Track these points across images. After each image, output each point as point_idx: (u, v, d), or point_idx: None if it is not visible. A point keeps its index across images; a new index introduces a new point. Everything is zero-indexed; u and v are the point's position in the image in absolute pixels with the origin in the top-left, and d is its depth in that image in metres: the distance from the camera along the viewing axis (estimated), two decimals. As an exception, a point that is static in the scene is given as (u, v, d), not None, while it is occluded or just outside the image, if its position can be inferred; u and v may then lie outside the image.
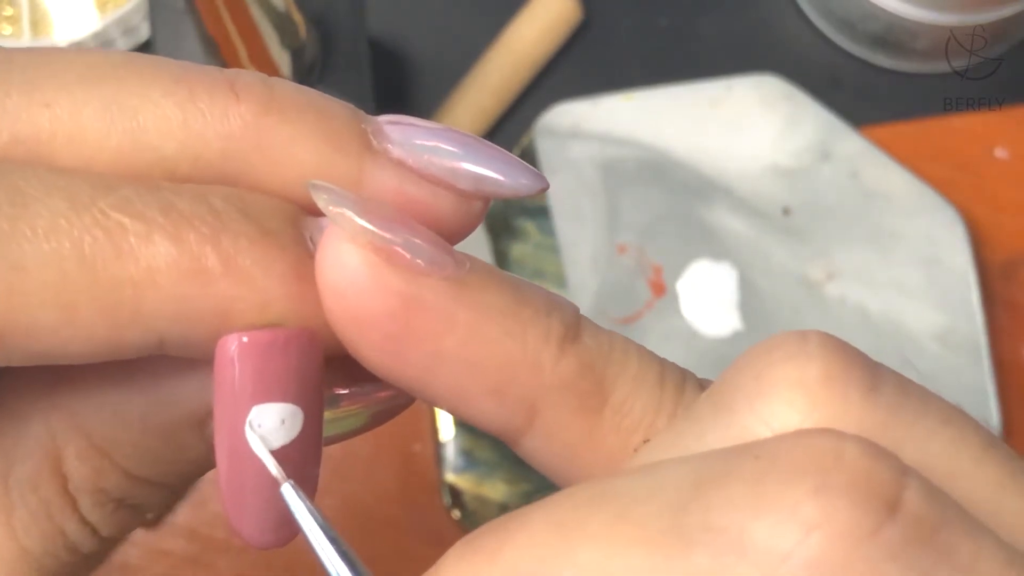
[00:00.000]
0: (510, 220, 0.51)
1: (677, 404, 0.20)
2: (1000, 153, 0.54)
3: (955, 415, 0.18)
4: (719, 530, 0.16)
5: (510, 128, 0.53)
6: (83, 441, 0.20)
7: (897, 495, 0.16)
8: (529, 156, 0.51)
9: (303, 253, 0.19)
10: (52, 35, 0.51)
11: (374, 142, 0.20)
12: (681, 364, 0.55)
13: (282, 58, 0.43)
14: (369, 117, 0.20)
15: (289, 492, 0.19)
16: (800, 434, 0.16)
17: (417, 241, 0.19)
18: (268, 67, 0.43)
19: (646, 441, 0.19)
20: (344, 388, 0.21)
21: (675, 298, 0.50)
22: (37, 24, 0.51)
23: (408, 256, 0.19)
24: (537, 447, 0.20)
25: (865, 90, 0.55)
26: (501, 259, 0.50)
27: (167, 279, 0.18)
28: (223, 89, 0.19)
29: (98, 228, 0.18)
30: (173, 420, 0.20)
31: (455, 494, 0.49)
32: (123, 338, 0.18)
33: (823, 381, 0.17)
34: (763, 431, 0.17)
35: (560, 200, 0.51)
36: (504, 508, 0.48)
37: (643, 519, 0.16)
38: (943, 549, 0.16)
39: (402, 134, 0.20)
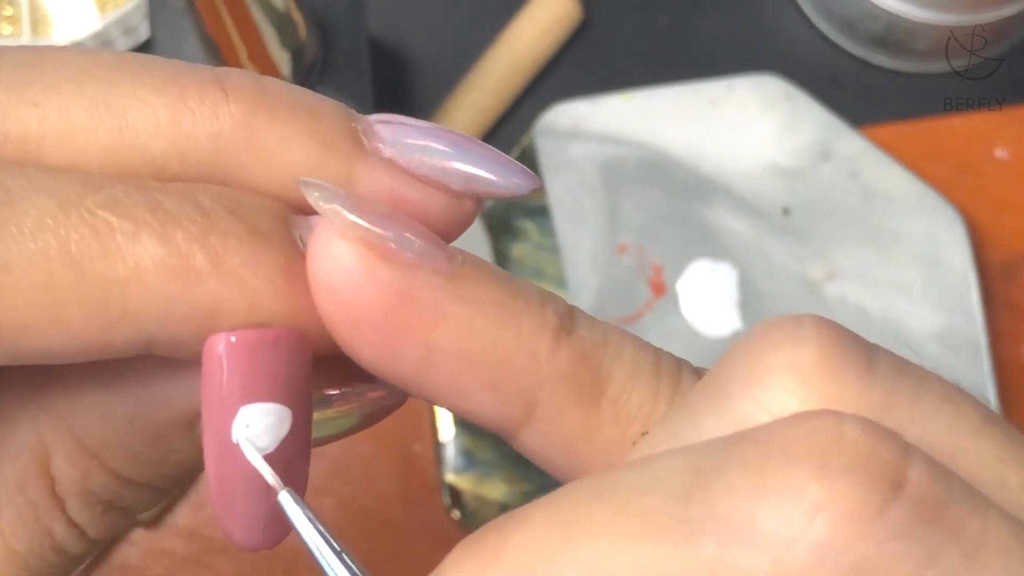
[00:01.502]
0: (510, 220, 0.51)
1: (674, 393, 0.20)
2: (1000, 153, 0.54)
3: (953, 393, 0.18)
4: (723, 518, 0.15)
5: (510, 128, 0.53)
6: (71, 442, 0.20)
7: (901, 473, 0.16)
8: (529, 156, 0.51)
9: (292, 252, 0.19)
10: (52, 35, 0.51)
11: (365, 142, 0.20)
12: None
13: (282, 58, 0.43)
14: (360, 116, 0.20)
15: (287, 499, 0.19)
16: (799, 417, 0.16)
17: (408, 235, 0.19)
18: (268, 67, 0.43)
19: (644, 434, 0.19)
20: (334, 389, 0.21)
21: (675, 298, 0.50)
22: (37, 24, 0.51)
23: (399, 250, 0.18)
24: (536, 440, 0.20)
25: (865, 90, 0.55)
26: (501, 259, 0.50)
27: (155, 278, 0.18)
28: (213, 88, 0.19)
29: (85, 227, 0.18)
30: (162, 421, 0.20)
31: (455, 494, 0.49)
32: (110, 338, 0.18)
33: (819, 364, 0.17)
34: (761, 417, 0.17)
35: (560, 200, 0.51)
36: (504, 508, 0.48)
37: (645, 511, 0.16)
38: (950, 526, 0.15)
39: (393, 133, 0.20)
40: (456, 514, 0.48)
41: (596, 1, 0.55)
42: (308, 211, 0.19)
